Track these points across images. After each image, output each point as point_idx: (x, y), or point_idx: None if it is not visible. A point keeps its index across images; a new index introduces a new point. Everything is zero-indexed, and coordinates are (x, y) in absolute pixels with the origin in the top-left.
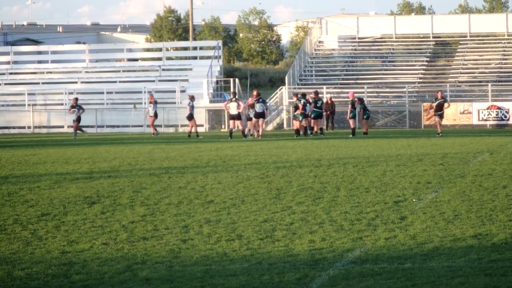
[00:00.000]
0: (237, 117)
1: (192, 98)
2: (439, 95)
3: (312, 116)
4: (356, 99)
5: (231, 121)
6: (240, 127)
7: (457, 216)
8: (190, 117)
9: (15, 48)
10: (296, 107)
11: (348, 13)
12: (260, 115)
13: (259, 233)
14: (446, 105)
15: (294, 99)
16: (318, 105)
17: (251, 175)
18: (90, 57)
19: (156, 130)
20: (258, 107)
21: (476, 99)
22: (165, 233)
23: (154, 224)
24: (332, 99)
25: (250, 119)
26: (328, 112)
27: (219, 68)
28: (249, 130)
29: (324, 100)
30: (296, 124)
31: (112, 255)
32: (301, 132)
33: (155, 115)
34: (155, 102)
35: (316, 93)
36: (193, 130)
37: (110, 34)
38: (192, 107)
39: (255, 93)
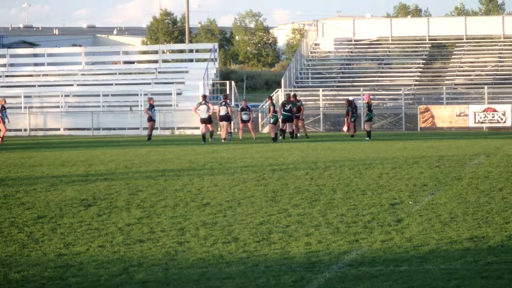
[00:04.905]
0: (208, 120)
1: (150, 99)
2: None
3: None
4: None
5: (202, 125)
6: (203, 131)
7: (453, 219)
8: (149, 119)
9: (11, 51)
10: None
11: (344, 16)
12: (222, 118)
13: (255, 236)
14: None
15: (268, 102)
16: (286, 108)
17: (247, 178)
18: (86, 59)
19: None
20: (221, 110)
21: (472, 102)
22: (161, 235)
23: (150, 226)
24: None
25: (243, 121)
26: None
27: (215, 70)
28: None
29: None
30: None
31: (108, 257)
32: (276, 136)
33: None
34: (4, 108)
35: (295, 96)
36: (148, 132)
37: (106, 37)
38: (149, 109)
39: (243, 101)
